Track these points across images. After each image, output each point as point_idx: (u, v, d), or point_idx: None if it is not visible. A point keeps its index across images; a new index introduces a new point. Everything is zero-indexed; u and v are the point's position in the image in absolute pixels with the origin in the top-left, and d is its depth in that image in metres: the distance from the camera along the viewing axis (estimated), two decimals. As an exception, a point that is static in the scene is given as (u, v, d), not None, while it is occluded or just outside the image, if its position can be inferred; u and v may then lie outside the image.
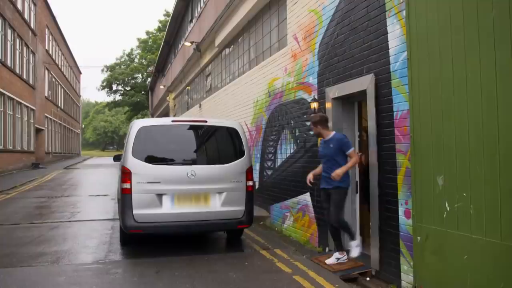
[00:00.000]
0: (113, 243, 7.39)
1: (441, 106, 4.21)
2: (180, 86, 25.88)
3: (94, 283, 5.40)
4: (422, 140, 4.47)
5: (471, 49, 3.84)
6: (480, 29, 3.75)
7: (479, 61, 3.74)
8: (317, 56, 7.26)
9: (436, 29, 4.30)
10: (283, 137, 8.70)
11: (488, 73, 3.65)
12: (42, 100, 33.04)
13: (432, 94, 4.34)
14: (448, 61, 4.11)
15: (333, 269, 5.76)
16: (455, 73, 4.02)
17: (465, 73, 3.90)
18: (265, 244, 7.37)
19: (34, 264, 6.19)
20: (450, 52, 4.09)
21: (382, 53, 5.41)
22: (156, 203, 6.41)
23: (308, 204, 7.52)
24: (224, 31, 13.84)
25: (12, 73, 24.23)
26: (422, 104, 4.47)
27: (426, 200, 4.39)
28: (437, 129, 4.26)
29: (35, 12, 30.87)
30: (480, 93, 3.74)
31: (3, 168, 22.66)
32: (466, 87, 3.88)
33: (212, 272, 5.77)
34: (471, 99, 3.84)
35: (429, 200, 4.34)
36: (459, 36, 3.97)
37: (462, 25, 3.95)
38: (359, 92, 6.00)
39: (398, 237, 5.09)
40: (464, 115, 3.91)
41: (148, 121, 7.24)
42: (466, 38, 3.90)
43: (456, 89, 4.00)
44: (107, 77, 55.04)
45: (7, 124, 23.52)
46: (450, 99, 4.08)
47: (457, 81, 3.99)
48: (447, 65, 4.12)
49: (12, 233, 8.30)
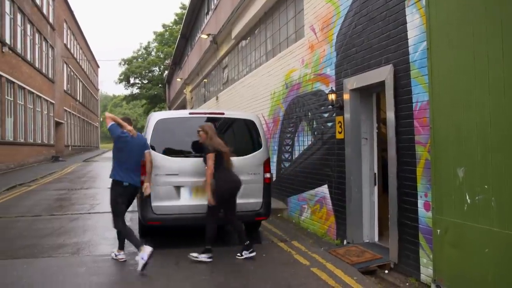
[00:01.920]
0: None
1: (461, 97, 4.13)
2: (197, 78, 25.93)
3: (113, 274, 5.47)
4: (442, 131, 4.41)
5: (493, 38, 3.76)
6: (502, 17, 3.66)
7: (502, 50, 3.66)
8: (334, 47, 7.19)
9: (457, 17, 4.22)
10: (301, 129, 8.66)
11: (511, 63, 3.57)
12: (61, 94, 33.47)
13: (452, 84, 4.26)
14: (469, 50, 4.03)
15: (352, 261, 5.73)
16: (476, 62, 3.94)
17: (487, 62, 3.82)
18: (282, 236, 7.36)
19: (55, 255, 6.30)
20: (471, 41, 4.01)
21: (401, 43, 5.33)
22: (174, 195, 6.45)
23: (326, 196, 7.49)
24: (241, 23, 13.79)
25: (31, 67, 24.58)
26: (442, 94, 4.40)
27: (446, 193, 4.33)
28: (457, 120, 4.19)
29: (53, 6, 31.18)
30: (502, 83, 3.66)
31: (24, 161, 23.08)
32: (488, 77, 3.81)
33: (230, 263, 5.80)
34: (492, 89, 3.76)
35: (449, 193, 4.28)
36: (481, 24, 3.89)
37: (484, 13, 3.86)
38: (377, 83, 5.93)
39: (417, 230, 5.05)
40: (486, 105, 3.83)
41: (166, 113, 7.27)
42: (488, 26, 3.81)
43: (478, 79, 3.93)
44: (125, 70, 55.39)
45: (28, 118, 23.90)
46: (471, 90, 4.01)
47: (479, 71, 3.91)
48: (468, 55, 4.05)
49: (34, 224, 8.45)
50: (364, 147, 6.67)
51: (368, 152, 6.66)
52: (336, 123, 7.08)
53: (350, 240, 6.67)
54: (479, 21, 3.91)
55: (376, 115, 6.70)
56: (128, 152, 5.82)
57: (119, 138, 5.80)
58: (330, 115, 7.35)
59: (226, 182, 5.95)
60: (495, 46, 3.72)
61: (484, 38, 3.85)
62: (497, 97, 3.71)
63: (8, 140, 20.47)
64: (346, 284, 4.97)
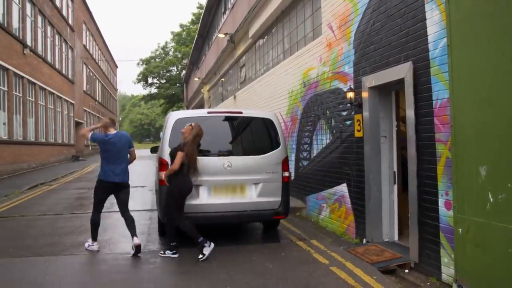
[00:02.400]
0: (151, 233, 7.54)
1: (484, 94, 4.06)
2: (215, 78, 26.01)
3: (134, 272, 5.53)
4: (464, 129, 4.34)
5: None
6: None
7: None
8: (352, 45, 7.14)
9: (478, 13, 4.15)
10: (319, 128, 8.63)
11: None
12: (80, 94, 33.92)
13: (474, 81, 4.19)
14: (492, 45, 3.96)
15: (371, 260, 5.70)
16: (498, 58, 3.87)
17: (509, 58, 3.74)
18: (301, 235, 7.35)
19: (76, 253, 6.39)
20: (493, 37, 3.94)
21: (421, 40, 5.27)
22: (193, 194, 6.48)
23: (345, 195, 7.45)
24: (258, 21, 13.79)
25: (52, 68, 24.98)
26: (463, 91, 4.33)
27: (468, 191, 4.26)
28: (479, 117, 4.12)
29: (72, 8, 31.62)
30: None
31: (45, 161, 23.46)
32: (511, 73, 3.73)
33: (248, 262, 5.82)
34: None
35: (471, 191, 4.21)
36: (503, 19, 3.82)
37: (506, 8, 3.79)
38: (396, 81, 5.87)
39: (438, 229, 4.99)
40: (509, 102, 3.76)
41: (184, 113, 7.31)
42: (510, 21, 3.74)
43: (500, 75, 3.86)
44: (143, 70, 55.83)
45: (48, 118, 24.30)
46: (493, 86, 3.94)
47: (500, 67, 3.84)
48: (490, 50, 3.97)
49: (55, 223, 8.59)
50: (383, 145, 6.61)
51: (387, 150, 6.61)
52: (355, 121, 7.04)
53: (369, 239, 6.63)
54: (503, 15, 3.83)
55: (395, 113, 6.64)
56: (115, 152, 6.31)
57: (104, 142, 6.27)
58: (349, 113, 7.31)
59: (178, 186, 6.05)
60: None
61: (508, 32, 3.78)
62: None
63: (29, 140, 20.84)
64: (365, 283, 4.94)
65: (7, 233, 7.70)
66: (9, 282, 5.15)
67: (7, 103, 17.90)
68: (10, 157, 18.04)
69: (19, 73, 19.18)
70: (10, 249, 6.51)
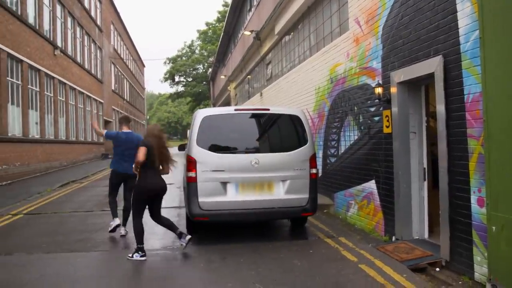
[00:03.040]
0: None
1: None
2: (241, 75, 26.07)
3: (163, 268, 5.60)
4: (497, 124, 4.21)
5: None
6: None
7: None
8: (380, 39, 7.03)
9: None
10: (347, 124, 8.54)
11: None
12: (109, 93, 34.50)
13: (508, 74, 4.06)
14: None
15: (401, 258, 5.61)
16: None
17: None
18: (329, 232, 7.30)
19: (107, 249, 6.52)
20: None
21: (451, 33, 5.15)
22: (221, 191, 6.51)
23: (374, 192, 7.36)
24: (284, 18, 13.74)
25: (81, 68, 25.52)
26: (497, 85, 4.20)
27: (502, 188, 4.14)
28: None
29: (100, 9, 32.19)
30: None
31: (76, 159, 24.00)
32: (547, 66, 3.61)
33: (276, 259, 5.81)
34: (552, 79, 3.56)
35: (506, 188, 4.08)
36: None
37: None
38: (426, 75, 5.76)
39: (470, 227, 4.87)
40: (545, 96, 3.64)
41: (211, 110, 7.34)
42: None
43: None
44: (170, 69, 56.41)
45: (78, 117, 24.84)
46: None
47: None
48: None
49: (86, 219, 8.77)
50: (413, 141, 6.50)
51: (417, 146, 6.49)
52: (383, 117, 6.93)
53: (398, 237, 6.53)
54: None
55: (425, 109, 6.51)
56: (124, 147, 7.16)
57: (116, 138, 7.35)
58: (377, 109, 7.21)
59: (147, 183, 5.95)
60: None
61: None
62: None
63: (60, 139, 21.35)
64: (395, 282, 4.87)
65: (41, 229, 7.91)
66: (42, 277, 5.29)
67: (39, 103, 18.39)
68: (42, 155, 18.52)
69: (50, 73, 19.66)
70: (44, 245, 6.69)
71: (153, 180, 5.98)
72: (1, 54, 14.59)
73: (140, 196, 6.02)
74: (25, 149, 16.59)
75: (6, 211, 9.67)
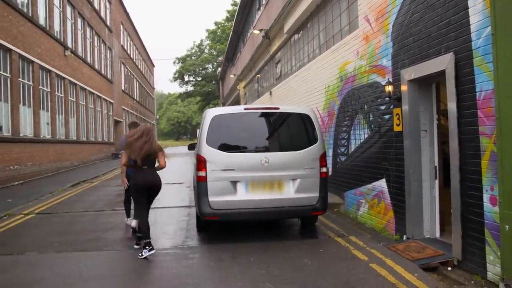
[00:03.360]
0: (189, 229, 7.62)
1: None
2: (250, 74, 26.06)
3: (173, 267, 5.61)
4: (510, 121, 4.16)
5: None
6: None
7: None
8: (390, 37, 6.98)
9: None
10: (357, 122, 8.50)
11: None
12: (119, 93, 34.69)
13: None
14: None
15: (412, 257, 5.57)
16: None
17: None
18: (339, 231, 7.27)
19: (118, 248, 6.55)
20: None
21: (462, 30, 5.09)
22: (231, 190, 6.51)
23: (384, 191, 7.32)
24: (293, 17, 13.70)
25: (91, 69, 25.68)
26: (509, 82, 4.15)
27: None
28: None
29: (110, 10, 32.36)
30: None
31: (87, 159, 24.16)
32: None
33: (287, 258, 5.79)
34: None
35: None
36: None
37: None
38: (437, 73, 5.71)
39: (482, 225, 4.82)
40: (559, 93, 3.58)
41: (221, 109, 7.34)
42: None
43: (549, 65, 3.68)
44: (179, 68, 56.66)
45: (89, 117, 25.00)
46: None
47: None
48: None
49: (97, 219, 8.83)
50: (424, 140, 6.45)
51: (428, 145, 6.43)
52: (394, 116, 6.89)
53: (410, 236, 6.48)
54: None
55: (436, 107, 6.45)
56: None
57: None
58: (387, 107, 7.16)
59: (135, 180, 6.17)
60: None
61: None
62: None
63: (71, 139, 21.50)
64: (407, 281, 4.84)
65: (53, 228, 7.97)
66: (54, 276, 5.33)
67: (50, 103, 18.54)
68: (53, 155, 18.67)
69: (61, 74, 19.80)
70: (56, 244, 6.75)
71: (141, 177, 6.14)
72: (13, 55, 14.74)
73: (134, 194, 6.32)
74: (36, 149, 16.75)
75: (19, 210, 9.75)
